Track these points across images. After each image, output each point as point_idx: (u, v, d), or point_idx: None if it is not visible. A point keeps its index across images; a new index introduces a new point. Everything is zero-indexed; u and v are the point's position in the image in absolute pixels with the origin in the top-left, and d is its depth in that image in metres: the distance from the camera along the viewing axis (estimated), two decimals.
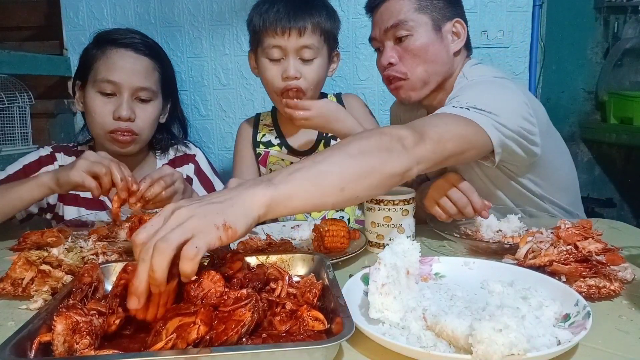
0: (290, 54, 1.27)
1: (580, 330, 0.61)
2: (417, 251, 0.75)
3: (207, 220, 0.63)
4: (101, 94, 1.34)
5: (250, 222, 0.68)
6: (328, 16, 1.32)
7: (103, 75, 1.33)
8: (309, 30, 1.26)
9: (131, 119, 1.34)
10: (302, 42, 1.27)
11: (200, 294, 0.70)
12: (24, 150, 1.85)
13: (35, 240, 0.90)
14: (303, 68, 1.29)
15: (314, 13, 1.28)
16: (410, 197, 1.02)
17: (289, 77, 1.27)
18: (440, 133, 0.92)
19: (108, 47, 1.35)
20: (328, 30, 1.32)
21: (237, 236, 0.65)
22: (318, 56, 1.30)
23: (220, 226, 0.63)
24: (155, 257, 0.60)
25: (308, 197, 0.74)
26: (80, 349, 0.59)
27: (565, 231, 0.85)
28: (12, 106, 1.88)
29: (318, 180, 0.75)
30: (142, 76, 1.35)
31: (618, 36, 2.60)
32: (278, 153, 1.46)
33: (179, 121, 1.59)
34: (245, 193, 0.69)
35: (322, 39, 1.30)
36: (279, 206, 0.71)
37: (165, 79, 1.44)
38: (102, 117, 1.33)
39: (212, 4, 1.86)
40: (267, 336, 0.64)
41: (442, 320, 0.62)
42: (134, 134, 1.35)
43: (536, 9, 1.98)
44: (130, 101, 1.34)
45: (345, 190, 0.77)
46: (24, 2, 2.22)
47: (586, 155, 2.73)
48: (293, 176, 0.74)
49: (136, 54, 1.36)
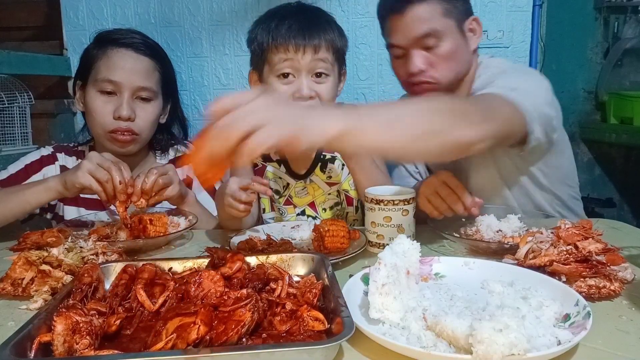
0: (303, 72, 1.20)
1: (581, 330, 0.61)
2: (417, 251, 0.75)
3: (284, 124, 0.64)
4: (101, 94, 1.34)
5: (319, 141, 0.68)
6: (340, 34, 1.28)
7: (104, 75, 1.33)
8: (323, 47, 1.21)
9: (131, 118, 1.34)
10: (316, 60, 1.20)
11: (200, 294, 0.70)
12: (24, 150, 1.85)
13: (35, 240, 0.90)
14: (317, 87, 1.22)
15: (327, 30, 1.24)
16: (410, 197, 1.02)
17: (302, 96, 1.19)
18: (501, 115, 0.94)
19: (109, 47, 1.35)
20: (339, 49, 1.28)
21: (298, 149, 0.66)
22: (331, 74, 1.24)
23: (293, 130, 0.65)
24: (218, 141, 0.63)
25: (378, 137, 0.74)
26: (80, 349, 0.59)
27: (565, 231, 0.85)
28: (12, 106, 1.88)
29: (392, 124, 0.75)
30: (142, 76, 1.35)
31: (618, 36, 2.60)
32: (276, 170, 1.43)
33: (180, 122, 1.59)
34: (328, 113, 0.69)
35: (334, 57, 1.25)
36: (350, 136, 0.70)
37: (165, 79, 1.44)
38: (103, 117, 1.34)
39: (212, 4, 1.86)
40: (267, 336, 0.64)
41: (442, 320, 0.62)
42: (134, 133, 1.35)
43: (536, 9, 1.98)
44: (131, 101, 1.34)
45: (414, 144, 0.79)
46: (24, 2, 2.22)
47: (586, 155, 2.73)
48: (373, 112, 0.74)
49: (137, 53, 1.36)
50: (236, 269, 0.78)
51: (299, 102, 0.77)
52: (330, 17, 1.31)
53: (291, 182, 1.41)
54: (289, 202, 1.42)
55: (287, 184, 1.42)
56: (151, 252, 1.11)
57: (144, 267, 0.80)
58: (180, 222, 1.22)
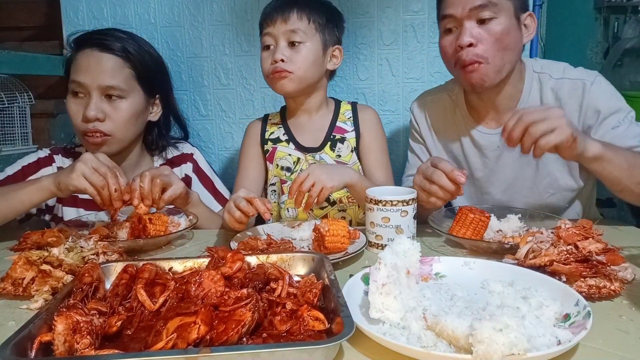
0: (280, 40, 1.36)
1: (581, 330, 0.61)
2: (417, 251, 0.75)
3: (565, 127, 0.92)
4: (73, 96, 1.33)
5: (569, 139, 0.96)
6: (322, 10, 1.39)
7: (72, 77, 1.32)
8: (294, 16, 1.35)
9: (100, 119, 1.30)
10: (288, 27, 1.35)
11: (201, 293, 0.70)
12: (24, 150, 1.85)
13: (35, 240, 0.90)
14: (290, 52, 1.36)
15: (302, 4, 1.36)
16: (409, 198, 1.02)
17: (275, 59, 1.35)
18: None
19: (79, 49, 1.35)
20: (319, 22, 1.38)
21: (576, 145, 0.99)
22: (307, 42, 1.36)
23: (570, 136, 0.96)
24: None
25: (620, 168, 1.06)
26: (81, 348, 0.59)
27: (565, 231, 0.85)
28: (12, 106, 1.88)
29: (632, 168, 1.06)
30: (108, 74, 1.32)
31: (618, 36, 2.60)
32: (285, 148, 1.48)
33: (178, 122, 1.57)
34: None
35: (311, 26, 1.37)
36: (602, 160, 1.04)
37: (141, 74, 1.39)
38: (75, 120, 1.32)
39: (212, 4, 1.86)
40: (268, 336, 0.64)
41: (442, 320, 0.62)
42: (105, 134, 1.32)
43: (536, 9, 1.98)
44: (99, 101, 1.31)
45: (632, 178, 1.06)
46: (24, 2, 2.21)
47: None
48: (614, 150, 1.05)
49: (101, 52, 1.33)
50: (236, 268, 0.78)
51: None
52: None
53: (301, 156, 1.47)
54: None
55: (298, 158, 1.46)
56: (151, 252, 1.11)
57: (145, 266, 0.80)
58: (180, 222, 1.22)
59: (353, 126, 1.47)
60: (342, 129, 1.47)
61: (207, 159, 1.63)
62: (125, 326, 0.67)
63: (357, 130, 1.47)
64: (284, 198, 1.48)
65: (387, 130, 1.74)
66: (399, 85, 1.86)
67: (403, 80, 1.82)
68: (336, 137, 1.47)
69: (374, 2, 1.80)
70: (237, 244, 1.04)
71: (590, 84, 1.21)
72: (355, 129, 1.47)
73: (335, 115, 1.49)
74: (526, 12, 1.22)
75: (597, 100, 1.20)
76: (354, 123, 1.47)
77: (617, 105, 1.20)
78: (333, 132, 1.47)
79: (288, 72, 1.35)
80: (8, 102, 1.85)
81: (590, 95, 1.20)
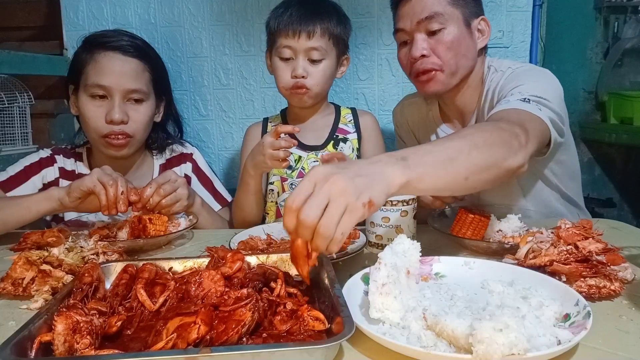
0: (300, 55, 1.37)
1: (581, 330, 0.61)
2: (417, 251, 0.75)
3: (357, 199, 0.65)
4: (93, 98, 1.33)
5: (385, 199, 0.71)
6: (338, 22, 1.41)
7: (93, 80, 1.32)
8: (317, 33, 1.35)
9: (124, 121, 1.33)
10: (310, 44, 1.36)
11: (201, 293, 0.71)
12: (24, 150, 1.84)
13: (35, 240, 0.90)
14: (310, 68, 1.38)
15: (324, 18, 1.37)
16: (409, 199, 1.01)
17: (297, 75, 1.36)
18: (534, 131, 0.96)
19: (96, 51, 1.34)
20: (337, 35, 1.40)
21: (374, 212, 0.69)
22: (326, 58, 1.39)
23: (366, 203, 0.66)
24: (318, 241, 0.65)
25: (436, 181, 0.76)
26: (81, 348, 0.59)
27: (565, 231, 0.85)
28: (12, 106, 1.87)
29: (446, 166, 0.77)
30: (132, 78, 1.35)
31: (618, 36, 2.60)
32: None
33: (174, 120, 1.58)
34: (385, 170, 0.71)
35: (330, 42, 1.39)
36: (410, 187, 0.73)
37: (156, 78, 1.43)
38: (95, 122, 1.33)
39: (212, 4, 1.86)
40: (268, 336, 0.64)
41: (442, 320, 0.62)
42: (128, 136, 1.35)
43: (536, 9, 1.98)
44: (122, 104, 1.33)
45: (468, 180, 0.80)
46: (24, 2, 2.21)
47: (586, 155, 2.72)
48: (425, 159, 0.76)
49: (125, 56, 1.35)
50: (236, 268, 0.78)
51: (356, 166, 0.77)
52: (331, 4, 1.44)
53: (303, 154, 1.48)
54: (302, 174, 1.47)
55: (299, 157, 1.48)
56: (151, 252, 1.11)
57: (145, 266, 0.80)
58: (180, 222, 1.22)
59: (355, 129, 1.51)
60: (345, 130, 1.51)
61: (207, 159, 1.63)
62: (125, 326, 0.67)
63: (358, 132, 1.51)
64: (283, 197, 1.48)
65: (386, 130, 1.74)
66: (399, 85, 1.86)
67: (403, 80, 1.82)
68: (339, 137, 1.50)
69: (374, 2, 1.81)
70: (237, 243, 1.04)
71: (511, 72, 1.21)
72: (357, 132, 1.51)
73: (337, 117, 1.53)
74: (479, 17, 1.25)
75: (505, 83, 1.18)
76: (355, 126, 1.52)
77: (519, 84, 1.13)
78: (336, 133, 1.50)
79: (307, 89, 1.38)
80: (8, 102, 1.85)
81: (505, 81, 1.20)
